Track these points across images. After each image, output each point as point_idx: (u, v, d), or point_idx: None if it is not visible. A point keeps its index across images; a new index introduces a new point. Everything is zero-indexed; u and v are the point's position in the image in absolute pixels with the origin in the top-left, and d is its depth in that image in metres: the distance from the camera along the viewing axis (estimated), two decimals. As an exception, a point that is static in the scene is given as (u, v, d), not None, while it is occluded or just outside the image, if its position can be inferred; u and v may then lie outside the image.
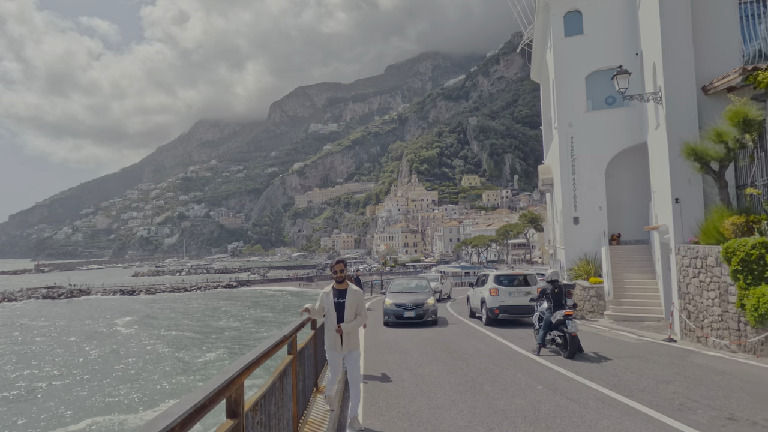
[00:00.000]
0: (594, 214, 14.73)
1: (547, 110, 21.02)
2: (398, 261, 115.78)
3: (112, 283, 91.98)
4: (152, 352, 29.06)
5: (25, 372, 24.70)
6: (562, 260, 16.05)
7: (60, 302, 66.87)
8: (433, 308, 13.22)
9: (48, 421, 16.55)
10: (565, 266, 15.10)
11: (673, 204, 9.89)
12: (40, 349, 31.32)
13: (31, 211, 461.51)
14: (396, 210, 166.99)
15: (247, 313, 47.78)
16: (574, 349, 8.08)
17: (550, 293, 8.72)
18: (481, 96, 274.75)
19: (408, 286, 14.88)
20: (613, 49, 14.56)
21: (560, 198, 15.25)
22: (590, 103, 15.22)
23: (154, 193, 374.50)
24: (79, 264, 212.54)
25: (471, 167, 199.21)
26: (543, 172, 17.90)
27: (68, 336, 36.30)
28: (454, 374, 7.27)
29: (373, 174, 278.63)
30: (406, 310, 13.01)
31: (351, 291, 5.06)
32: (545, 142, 21.34)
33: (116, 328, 39.46)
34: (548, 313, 8.56)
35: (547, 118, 21.13)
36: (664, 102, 10.10)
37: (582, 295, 13.59)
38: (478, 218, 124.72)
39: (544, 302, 8.88)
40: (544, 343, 8.66)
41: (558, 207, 16.14)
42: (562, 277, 15.21)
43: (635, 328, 11.35)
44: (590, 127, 14.92)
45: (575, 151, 14.90)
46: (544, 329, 8.57)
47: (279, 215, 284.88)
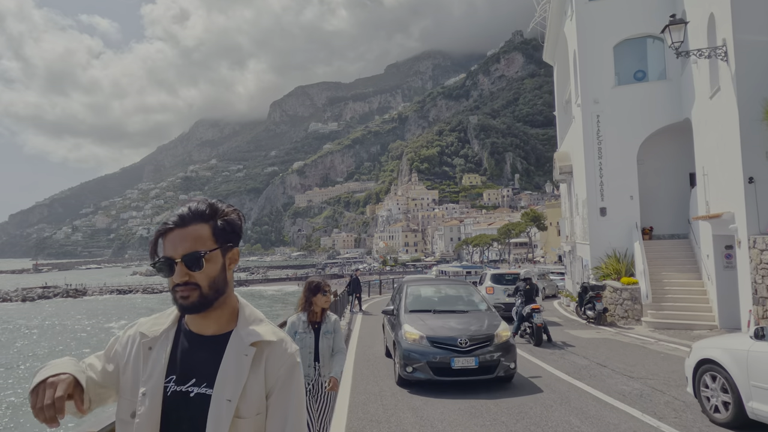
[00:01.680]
0: (624, 204, 12.76)
1: (561, 93, 19.06)
2: (398, 260, 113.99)
3: (109, 282, 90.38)
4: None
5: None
6: (584, 257, 14.08)
7: (55, 302, 65.36)
8: (507, 347, 6.33)
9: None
10: (590, 264, 13.14)
11: (745, 185, 7.95)
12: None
13: (31, 211, 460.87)
14: (396, 209, 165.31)
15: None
16: (539, 338, 9.21)
17: (523, 290, 9.87)
18: (482, 95, 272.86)
19: (443, 298, 7.62)
20: (644, 14, 12.59)
21: (584, 186, 13.30)
22: (617, 79, 13.26)
23: (154, 192, 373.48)
24: (77, 264, 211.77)
25: (472, 166, 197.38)
26: (560, 159, 15.93)
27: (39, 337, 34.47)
28: None
29: (373, 173, 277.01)
30: (455, 351, 6.11)
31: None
32: (560, 127, 19.39)
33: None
34: (521, 308, 9.76)
35: (562, 101, 19.18)
36: (731, 58, 8.15)
37: (613, 298, 11.61)
38: (479, 217, 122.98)
39: (519, 298, 9.96)
40: (518, 333, 9.69)
41: (580, 197, 14.19)
42: (587, 276, 13.26)
43: (685, 338, 9.37)
44: (619, 104, 12.96)
45: (602, 132, 12.94)
46: (518, 321, 9.80)
47: (279, 215, 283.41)
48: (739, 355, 4.19)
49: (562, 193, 19.38)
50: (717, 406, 4.47)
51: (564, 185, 18.63)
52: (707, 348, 4.70)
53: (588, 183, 13.01)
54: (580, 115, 13.42)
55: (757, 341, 4.07)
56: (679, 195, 13.15)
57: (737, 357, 4.20)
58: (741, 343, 4.28)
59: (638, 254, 11.57)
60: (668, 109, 12.46)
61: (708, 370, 4.57)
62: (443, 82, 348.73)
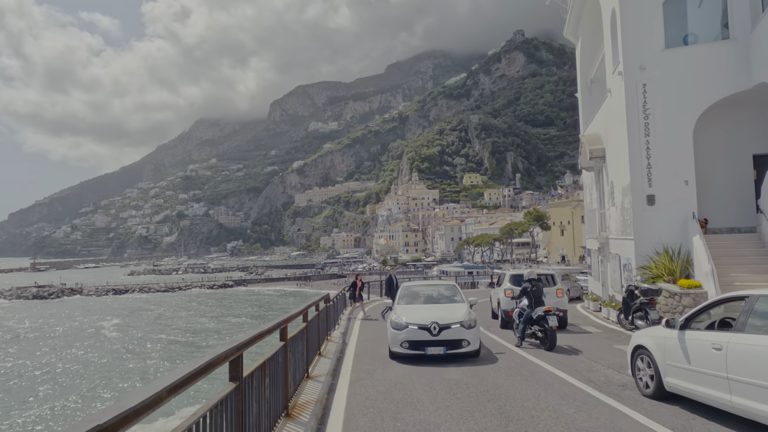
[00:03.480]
0: (677, 191, 10.59)
1: (586, 71, 16.89)
2: (399, 260, 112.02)
3: (105, 282, 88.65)
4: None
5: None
6: (623, 255, 11.91)
7: (50, 301, 63.63)
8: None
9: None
10: (633, 263, 10.97)
11: None
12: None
13: (30, 210, 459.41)
14: (396, 209, 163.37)
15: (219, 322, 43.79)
16: (553, 341, 8.70)
17: (530, 291, 9.24)
18: (483, 94, 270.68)
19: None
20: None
21: (625, 170, 11.12)
22: (667, 41, 11.07)
23: (154, 191, 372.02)
24: (76, 263, 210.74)
25: (472, 165, 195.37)
26: (590, 142, 13.72)
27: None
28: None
29: (374, 173, 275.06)
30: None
31: None
32: (583, 110, 17.22)
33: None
34: (528, 310, 9.14)
35: (586, 81, 17.02)
36: None
37: (669, 305, 9.41)
38: (480, 217, 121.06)
39: (524, 299, 9.41)
40: (524, 336, 9.26)
41: (618, 184, 12.00)
42: (631, 278, 11.07)
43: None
44: (670, 70, 10.78)
45: (649, 105, 10.76)
46: (524, 323, 9.17)
47: (278, 214, 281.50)
48: (658, 341, 5.36)
49: (585, 183, 17.18)
50: (647, 383, 5.57)
51: (589, 174, 16.45)
52: (640, 336, 5.86)
53: (632, 166, 10.83)
54: (621, 85, 11.22)
55: (669, 329, 5.22)
56: (740, 181, 10.98)
57: (657, 342, 5.38)
58: (660, 332, 5.43)
59: (700, 251, 9.41)
60: (731, 75, 10.29)
61: (639, 354, 5.73)
62: (444, 82, 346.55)
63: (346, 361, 8.16)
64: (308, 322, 6.24)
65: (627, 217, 11.31)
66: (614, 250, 12.79)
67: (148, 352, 28.00)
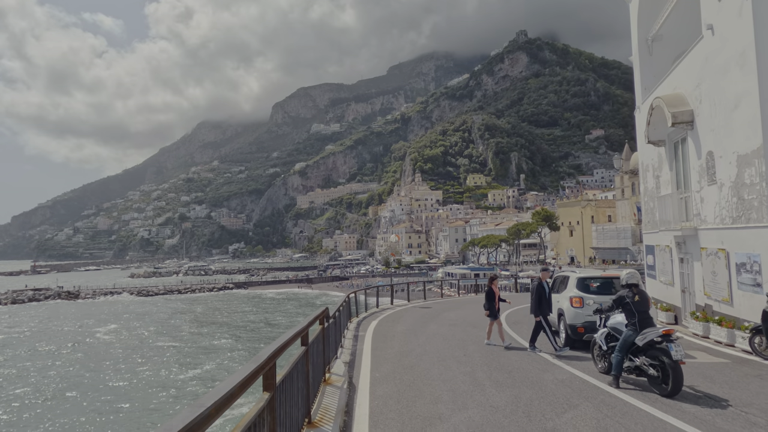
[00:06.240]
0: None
1: (644, 29, 13.65)
2: (402, 262, 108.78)
3: (104, 285, 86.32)
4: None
5: None
6: (741, 251, 8.58)
7: (45, 304, 61.20)
8: None
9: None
10: (764, 260, 7.69)
11: None
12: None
13: (33, 212, 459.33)
14: (399, 210, 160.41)
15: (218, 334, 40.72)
16: (678, 382, 5.67)
17: (631, 302, 6.30)
18: (486, 95, 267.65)
19: None
20: None
21: (752, 130, 7.88)
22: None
23: (156, 194, 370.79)
24: (77, 265, 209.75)
25: (476, 166, 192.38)
26: (671, 104, 10.42)
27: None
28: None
29: (376, 174, 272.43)
30: None
31: None
32: (642, 73, 13.99)
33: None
34: (630, 330, 6.30)
35: (644, 40, 13.86)
36: None
37: None
38: (485, 218, 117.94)
39: (616, 315, 6.70)
40: (620, 373, 6.35)
41: (732, 151, 8.69)
42: (761, 281, 7.76)
43: None
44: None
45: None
46: (622, 352, 6.31)
47: (280, 216, 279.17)
48: None
49: (645, 164, 13.86)
50: None
51: (652, 152, 13.16)
52: None
53: (765, 121, 7.54)
54: (742, 6, 7.93)
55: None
56: None
57: None
58: None
59: None
60: None
61: None
62: (446, 84, 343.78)
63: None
64: (325, 326, 5.94)
65: (750, 196, 8.05)
66: (713, 245, 9.50)
67: (140, 363, 25.17)
